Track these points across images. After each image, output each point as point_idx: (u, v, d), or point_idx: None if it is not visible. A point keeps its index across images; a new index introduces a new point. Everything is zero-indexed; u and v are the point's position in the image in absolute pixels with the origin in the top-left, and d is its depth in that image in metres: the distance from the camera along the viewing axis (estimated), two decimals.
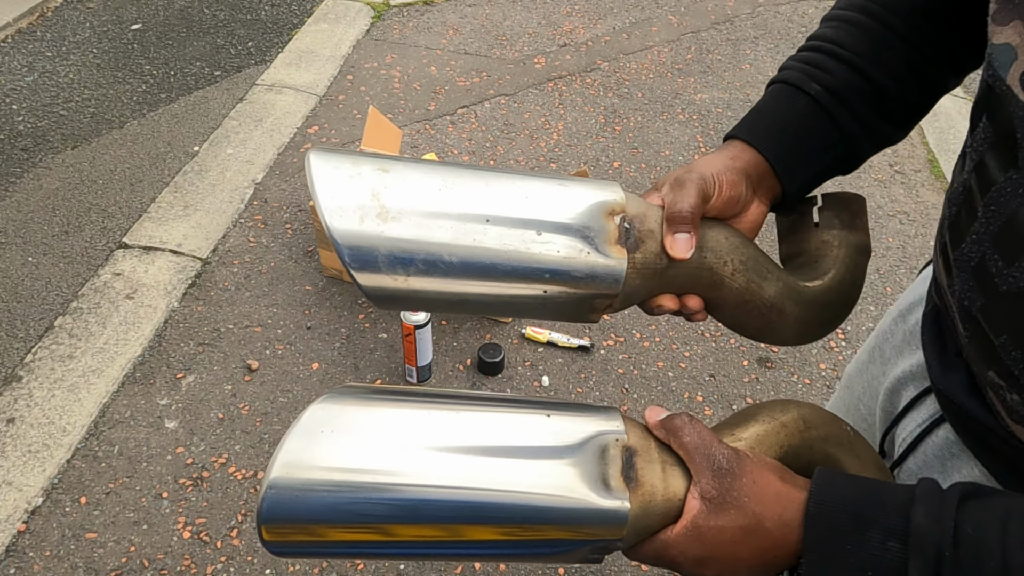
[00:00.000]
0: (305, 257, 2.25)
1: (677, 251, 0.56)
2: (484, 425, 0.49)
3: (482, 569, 1.58)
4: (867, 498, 0.48)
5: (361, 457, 0.46)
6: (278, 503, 0.44)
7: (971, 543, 0.44)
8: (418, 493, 0.46)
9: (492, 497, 0.47)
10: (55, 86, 2.88)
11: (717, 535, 0.50)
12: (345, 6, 3.46)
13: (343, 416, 0.47)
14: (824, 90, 0.63)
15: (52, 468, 1.70)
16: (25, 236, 2.27)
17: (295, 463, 0.45)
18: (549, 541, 0.48)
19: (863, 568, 0.46)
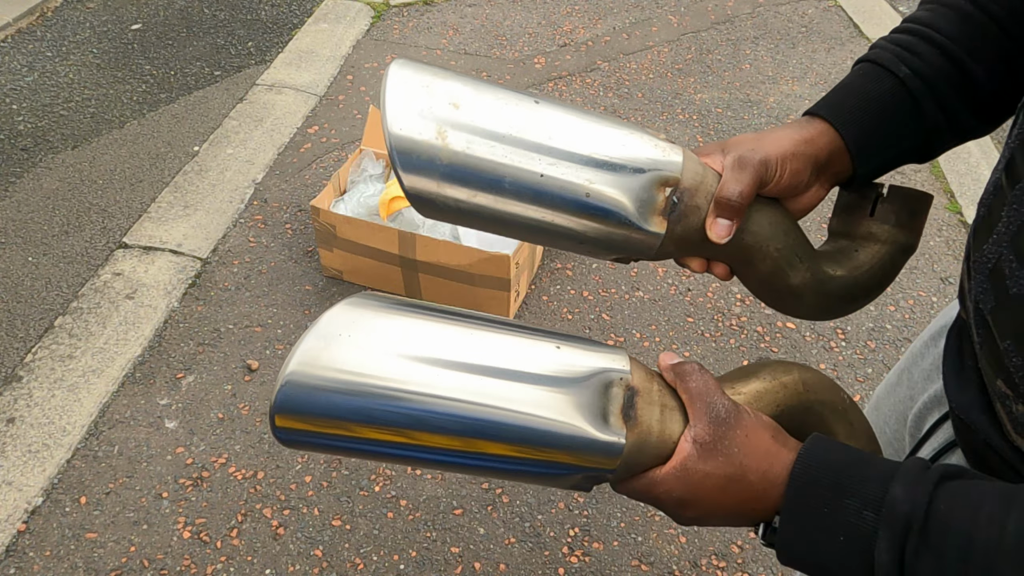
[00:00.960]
0: (305, 257, 2.25)
1: (714, 235, 0.58)
2: (496, 346, 0.51)
3: (482, 569, 1.58)
4: (852, 467, 0.49)
5: (373, 364, 0.47)
6: (291, 396, 0.46)
7: (940, 520, 0.44)
8: (424, 403, 0.47)
9: (495, 415, 0.48)
10: (55, 86, 2.88)
11: (703, 479, 0.52)
12: (345, 6, 3.46)
13: (361, 322, 0.49)
14: (913, 74, 0.61)
15: (52, 468, 1.70)
16: (25, 236, 2.27)
17: (311, 362, 0.47)
18: (544, 462, 0.50)
19: (836, 532, 0.47)
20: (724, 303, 2.19)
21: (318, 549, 1.60)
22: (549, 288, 2.20)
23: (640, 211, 0.56)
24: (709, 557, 1.63)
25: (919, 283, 2.29)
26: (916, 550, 0.44)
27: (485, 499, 1.70)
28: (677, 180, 0.56)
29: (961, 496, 0.45)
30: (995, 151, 2.86)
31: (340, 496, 1.69)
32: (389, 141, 0.51)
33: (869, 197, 0.66)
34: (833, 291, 0.65)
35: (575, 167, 0.54)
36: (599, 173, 0.54)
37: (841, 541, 0.47)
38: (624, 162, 0.55)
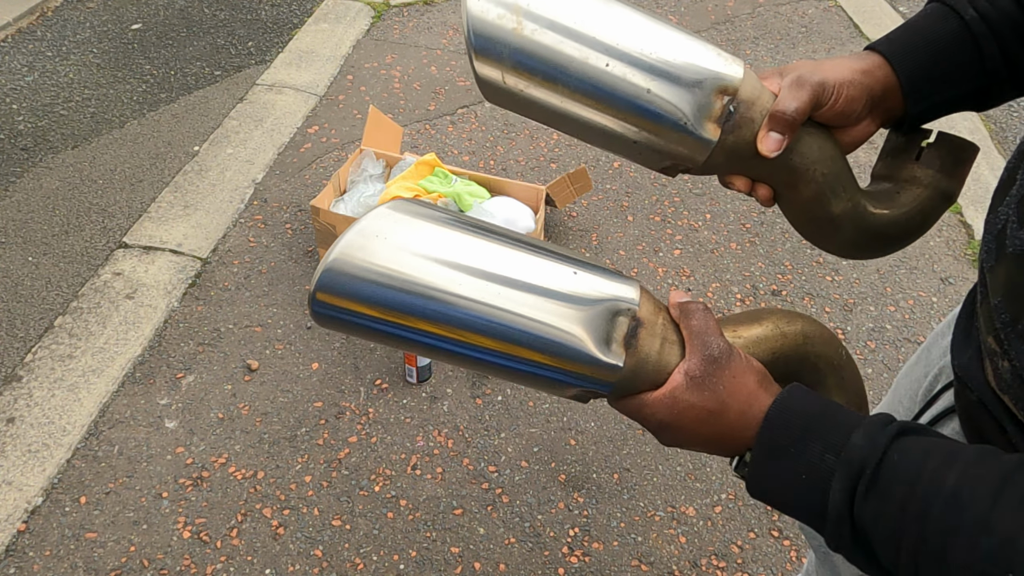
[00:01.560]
0: (305, 257, 2.25)
1: (765, 148, 0.60)
2: (520, 262, 0.55)
3: (482, 569, 1.58)
4: (822, 416, 0.53)
5: (405, 262, 0.52)
6: (331, 279, 0.51)
7: (890, 468, 0.48)
8: (446, 301, 0.52)
9: (510, 320, 0.53)
10: (55, 86, 2.88)
11: (687, 409, 0.56)
12: (345, 6, 3.46)
13: (399, 226, 0.53)
14: (979, 17, 0.61)
15: (52, 468, 1.70)
16: (25, 236, 2.27)
17: (351, 253, 0.51)
18: (548, 367, 0.55)
19: (799, 471, 0.51)
20: (724, 303, 2.19)
21: (318, 549, 1.60)
22: None
23: (696, 116, 0.58)
24: (709, 557, 1.63)
25: (919, 283, 2.29)
26: (865, 492, 0.48)
27: (485, 499, 1.70)
28: (735, 90, 0.59)
29: (913, 450, 0.49)
30: (996, 150, 2.86)
31: (340, 496, 1.69)
32: (468, 22, 0.57)
33: (916, 142, 0.67)
34: (872, 227, 0.67)
35: (638, 68, 0.57)
36: (661, 75, 0.57)
37: (803, 479, 0.51)
38: (686, 67, 0.58)
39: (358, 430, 1.82)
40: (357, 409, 1.86)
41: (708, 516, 1.70)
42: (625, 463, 1.79)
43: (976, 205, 2.58)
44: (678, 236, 2.40)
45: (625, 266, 2.28)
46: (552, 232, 2.37)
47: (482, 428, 1.84)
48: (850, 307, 2.20)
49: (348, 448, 1.78)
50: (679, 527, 1.68)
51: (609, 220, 2.44)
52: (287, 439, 1.79)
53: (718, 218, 2.48)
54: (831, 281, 2.28)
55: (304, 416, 1.84)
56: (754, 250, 2.37)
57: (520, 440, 1.82)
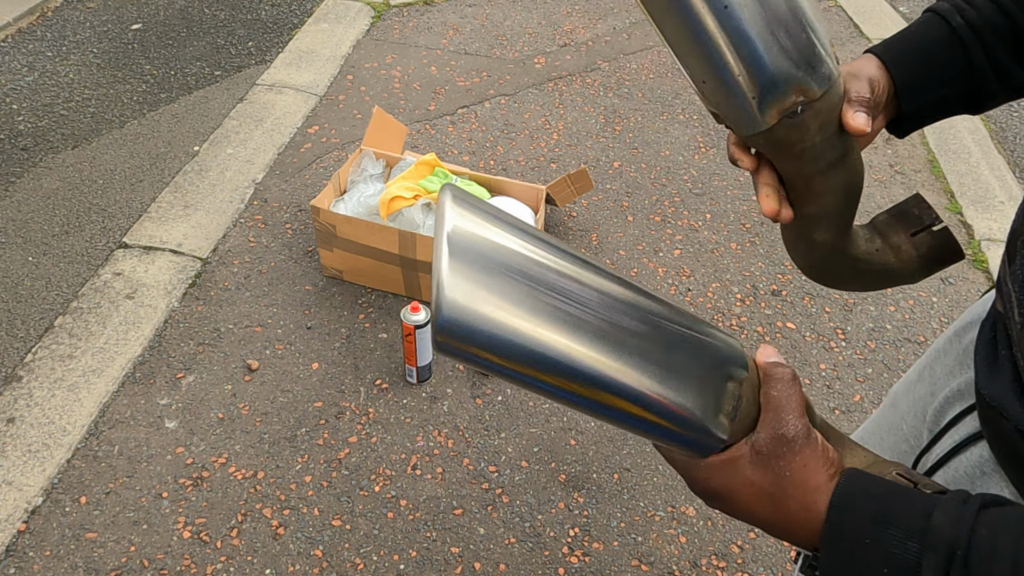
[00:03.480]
0: (305, 257, 2.25)
1: (856, 123, 0.60)
2: (637, 314, 0.51)
3: (482, 569, 1.58)
4: (892, 497, 0.49)
5: (522, 314, 0.46)
6: (448, 325, 0.44)
7: (984, 544, 0.44)
8: (567, 358, 0.47)
9: (627, 380, 0.49)
10: (55, 86, 2.88)
11: (743, 484, 0.52)
12: (345, 6, 3.46)
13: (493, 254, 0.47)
14: (966, 24, 0.67)
15: (52, 468, 1.70)
16: (25, 236, 2.27)
17: (460, 298, 0.44)
18: (653, 424, 0.51)
19: (879, 564, 0.47)
20: (724, 303, 2.19)
21: (318, 549, 1.60)
22: None
23: (763, 103, 0.57)
24: (709, 557, 1.63)
25: (919, 283, 2.29)
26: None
27: (485, 499, 1.70)
28: (815, 98, 0.57)
29: (1003, 521, 0.45)
30: (995, 151, 2.86)
31: (340, 496, 1.69)
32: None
33: (924, 220, 0.72)
34: (831, 254, 0.70)
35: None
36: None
37: (886, 574, 0.47)
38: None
39: (358, 430, 1.82)
40: (357, 409, 1.86)
41: (708, 516, 1.70)
42: (625, 463, 1.79)
43: (976, 205, 2.58)
44: (678, 236, 2.40)
45: (625, 266, 2.28)
46: (552, 232, 2.37)
47: (482, 428, 1.84)
48: (850, 307, 2.20)
49: (348, 448, 1.78)
50: (679, 527, 1.68)
51: (609, 220, 2.44)
52: (287, 439, 1.79)
53: (718, 218, 2.47)
54: None
55: (304, 416, 1.84)
56: (754, 250, 2.37)
57: (520, 440, 1.82)
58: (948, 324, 2.16)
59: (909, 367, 2.06)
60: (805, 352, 2.07)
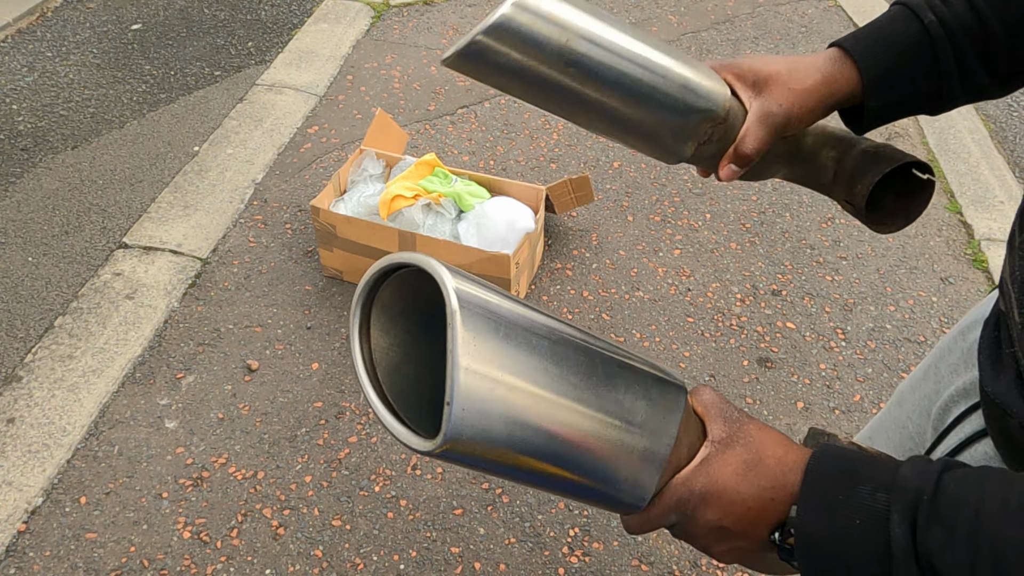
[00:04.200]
0: (305, 257, 2.25)
1: (722, 175, 0.68)
2: (587, 391, 0.54)
3: (482, 569, 1.58)
4: (863, 459, 0.52)
5: (517, 428, 0.51)
6: (455, 436, 0.49)
7: (949, 493, 0.46)
8: (542, 468, 0.53)
9: (575, 477, 0.54)
10: (55, 86, 2.88)
11: (722, 467, 0.55)
12: (345, 6, 3.46)
13: (498, 364, 0.50)
14: (937, 22, 0.65)
15: (52, 468, 1.70)
16: (25, 236, 2.27)
17: (467, 418, 0.49)
18: (593, 496, 0.56)
19: (851, 518, 0.49)
20: (724, 303, 2.19)
21: (318, 549, 1.60)
22: (549, 288, 2.20)
23: (677, 137, 0.66)
24: (709, 557, 1.63)
25: (919, 283, 2.29)
26: (927, 521, 0.46)
27: (485, 499, 1.70)
28: (722, 118, 0.65)
29: (967, 476, 0.47)
30: (995, 151, 2.86)
31: (340, 496, 1.69)
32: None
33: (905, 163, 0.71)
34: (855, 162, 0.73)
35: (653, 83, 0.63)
36: (664, 81, 0.63)
37: (858, 524, 0.49)
38: (690, 89, 0.64)
39: (358, 430, 1.82)
40: (357, 409, 1.86)
41: None
42: None
43: (976, 205, 2.58)
44: (678, 236, 2.40)
45: (625, 266, 2.28)
46: (552, 232, 2.37)
47: None
48: (850, 307, 2.20)
49: (348, 448, 1.78)
50: None
51: (609, 220, 2.44)
52: (287, 439, 1.79)
53: (718, 218, 2.48)
54: (831, 281, 2.28)
55: (304, 416, 1.84)
56: (754, 250, 2.37)
57: None
58: (948, 324, 2.16)
59: (909, 367, 2.06)
60: (805, 352, 2.07)
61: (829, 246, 2.39)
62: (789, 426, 1.87)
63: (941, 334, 2.13)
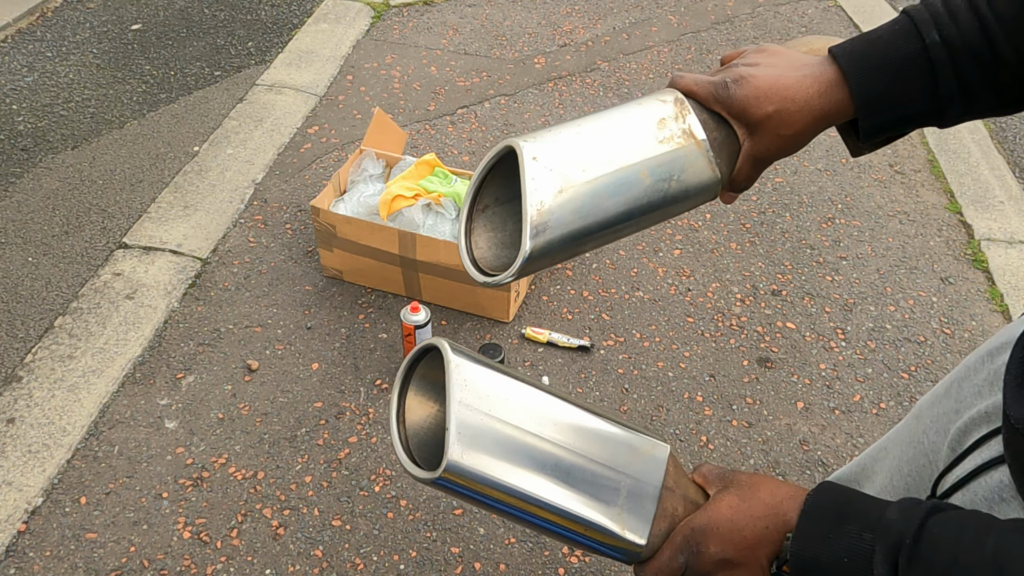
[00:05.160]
0: (305, 257, 2.25)
1: (725, 201, 0.73)
2: (575, 462, 0.63)
3: (482, 569, 1.58)
4: (853, 500, 0.56)
5: (511, 468, 0.61)
6: (453, 470, 0.60)
7: (930, 539, 0.49)
8: (532, 499, 0.62)
9: (566, 509, 0.63)
10: (55, 86, 2.88)
11: (719, 505, 0.61)
12: (345, 6, 3.46)
13: (493, 399, 0.61)
14: (941, 42, 0.61)
15: (52, 468, 1.70)
16: (25, 236, 2.27)
17: (464, 451, 0.59)
18: (596, 541, 0.64)
19: (840, 556, 0.53)
20: (724, 303, 2.19)
21: (318, 549, 1.60)
22: (549, 288, 2.20)
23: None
24: None
25: (919, 283, 2.29)
26: (908, 564, 0.49)
27: None
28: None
29: (949, 522, 0.50)
30: (995, 151, 2.86)
31: (340, 496, 1.69)
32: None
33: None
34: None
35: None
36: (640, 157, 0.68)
37: (845, 563, 0.53)
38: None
39: (358, 430, 1.82)
40: (357, 409, 1.86)
41: None
42: None
43: (976, 205, 2.58)
44: (678, 236, 2.40)
45: (625, 266, 2.28)
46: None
47: None
48: (850, 307, 2.20)
49: (348, 448, 1.78)
50: None
51: None
52: (287, 439, 1.79)
53: (718, 218, 2.48)
54: (831, 281, 2.28)
55: (304, 416, 1.84)
56: (754, 250, 2.37)
57: None
58: (948, 324, 2.17)
59: (910, 367, 2.07)
60: (805, 352, 2.06)
61: (829, 246, 2.39)
62: (789, 426, 1.87)
63: (942, 334, 2.13)
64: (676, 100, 0.67)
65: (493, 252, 0.68)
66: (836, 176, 2.68)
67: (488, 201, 0.68)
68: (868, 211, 2.54)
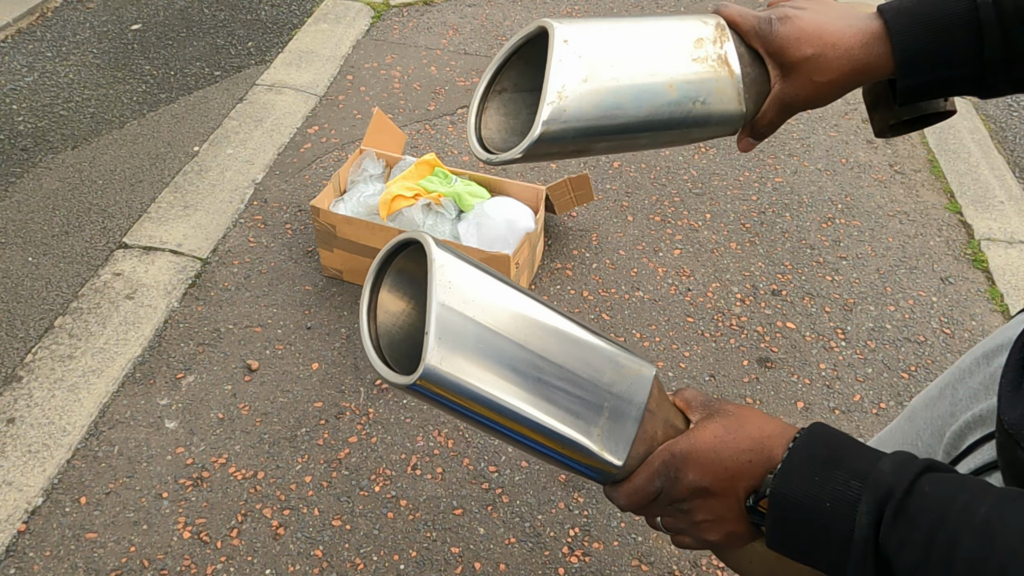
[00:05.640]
0: (305, 257, 2.25)
1: (742, 148, 0.71)
2: (561, 366, 0.60)
3: (482, 569, 1.58)
4: (847, 446, 0.53)
5: (491, 375, 0.57)
6: (430, 375, 0.56)
7: (921, 496, 0.47)
8: (510, 412, 0.59)
9: (545, 424, 0.59)
10: (55, 86, 2.88)
11: (703, 432, 0.58)
12: (345, 6, 3.46)
13: (478, 302, 0.57)
14: (992, 3, 0.60)
15: (52, 468, 1.70)
16: (25, 236, 2.27)
17: (444, 355, 0.55)
18: (569, 458, 0.62)
19: (823, 499, 0.51)
20: (724, 303, 2.19)
21: (318, 549, 1.60)
22: (549, 288, 2.20)
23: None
24: (709, 557, 1.63)
25: (919, 283, 2.29)
26: (893, 518, 0.47)
27: (485, 499, 1.70)
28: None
29: (944, 482, 0.48)
30: (995, 150, 2.86)
31: (340, 496, 1.69)
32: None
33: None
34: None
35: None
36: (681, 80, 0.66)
37: (827, 507, 0.50)
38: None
39: (358, 430, 1.82)
40: (357, 409, 1.86)
41: None
42: None
43: (976, 205, 2.58)
44: (678, 236, 2.40)
45: (625, 266, 2.28)
46: (552, 232, 2.37)
47: None
48: (850, 307, 2.20)
49: (348, 448, 1.78)
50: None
51: (609, 220, 2.44)
52: (287, 439, 1.79)
53: (718, 218, 2.48)
54: (831, 281, 2.28)
55: (304, 416, 1.84)
56: (754, 250, 2.37)
57: None
58: (948, 324, 2.17)
59: (910, 367, 2.06)
60: (805, 352, 2.06)
61: (829, 246, 2.39)
62: None
63: (942, 334, 2.13)
64: (718, 25, 0.66)
65: (501, 136, 0.66)
66: (836, 176, 2.68)
67: (507, 84, 0.66)
68: (868, 211, 2.54)
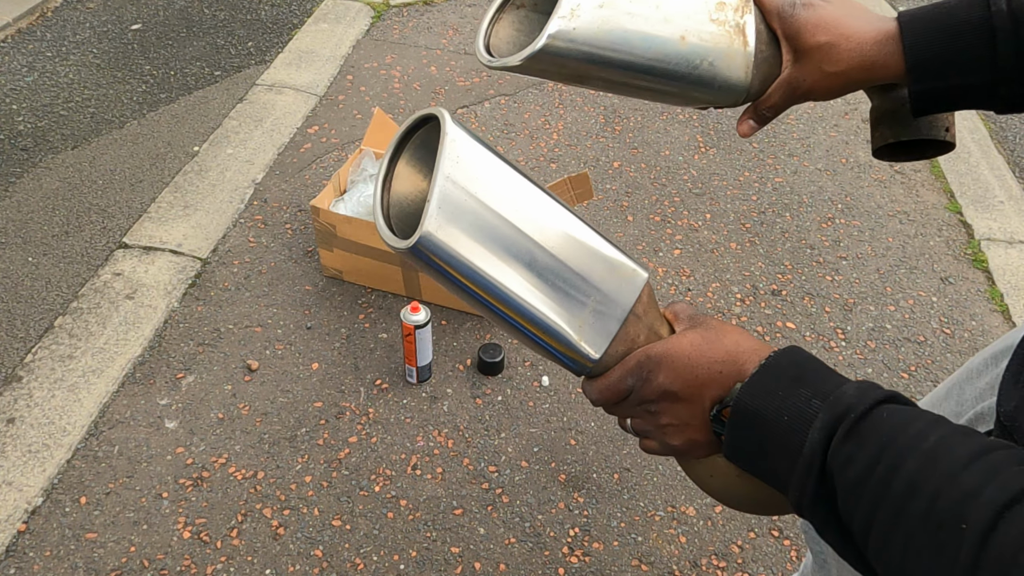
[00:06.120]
0: (305, 257, 2.25)
1: (741, 131, 0.72)
2: (555, 256, 0.61)
3: (482, 569, 1.58)
4: (816, 368, 0.54)
5: (484, 250, 0.58)
6: (427, 244, 0.57)
7: (877, 420, 0.48)
8: (497, 289, 0.60)
9: (529, 306, 0.60)
10: (55, 86, 2.88)
11: (680, 339, 0.60)
12: (345, 6, 3.46)
13: (481, 183, 0.58)
14: (1008, 11, 0.60)
15: (52, 468, 1.70)
16: (25, 236, 2.27)
17: (442, 224, 0.56)
18: (545, 342, 0.62)
19: (782, 413, 0.52)
20: (724, 303, 2.19)
21: (318, 549, 1.60)
22: None
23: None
24: (709, 557, 1.63)
25: (919, 283, 2.29)
26: (844, 436, 0.48)
27: (485, 499, 1.70)
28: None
29: (902, 412, 0.49)
30: (995, 150, 2.86)
31: (340, 496, 1.69)
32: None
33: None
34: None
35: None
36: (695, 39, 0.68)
37: (785, 421, 0.51)
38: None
39: (358, 430, 1.82)
40: (357, 409, 1.86)
41: (708, 516, 1.70)
42: (625, 463, 1.79)
43: (976, 205, 2.58)
44: (678, 236, 2.40)
45: None
46: None
47: (482, 428, 1.84)
48: (850, 307, 2.20)
49: (348, 448, 1.78)
50: (679, 527, 1.68)
51: (609, 220, 2.44)
52: (287, 439, 1.79)
53: (718, 218, 2.48)
54: (831, 281, 2.28)
55: (304, 416, 1.84)
56: (754, 250, 2.37)
57: (520, 440, 1.82)
58: (948, 324, 2.17)
59: (910, 367, 2.06)
60: None
61: (829, 246, 2.39)
62: None
63: (942, 334, 2.13)
64: None
65: (508, 48, 0.67)
66: (836, 176, 2.68)
67: (527, 1, 0.68)
68: (868, 211, 2.54)
